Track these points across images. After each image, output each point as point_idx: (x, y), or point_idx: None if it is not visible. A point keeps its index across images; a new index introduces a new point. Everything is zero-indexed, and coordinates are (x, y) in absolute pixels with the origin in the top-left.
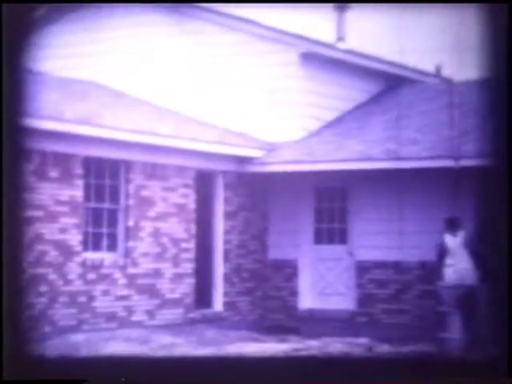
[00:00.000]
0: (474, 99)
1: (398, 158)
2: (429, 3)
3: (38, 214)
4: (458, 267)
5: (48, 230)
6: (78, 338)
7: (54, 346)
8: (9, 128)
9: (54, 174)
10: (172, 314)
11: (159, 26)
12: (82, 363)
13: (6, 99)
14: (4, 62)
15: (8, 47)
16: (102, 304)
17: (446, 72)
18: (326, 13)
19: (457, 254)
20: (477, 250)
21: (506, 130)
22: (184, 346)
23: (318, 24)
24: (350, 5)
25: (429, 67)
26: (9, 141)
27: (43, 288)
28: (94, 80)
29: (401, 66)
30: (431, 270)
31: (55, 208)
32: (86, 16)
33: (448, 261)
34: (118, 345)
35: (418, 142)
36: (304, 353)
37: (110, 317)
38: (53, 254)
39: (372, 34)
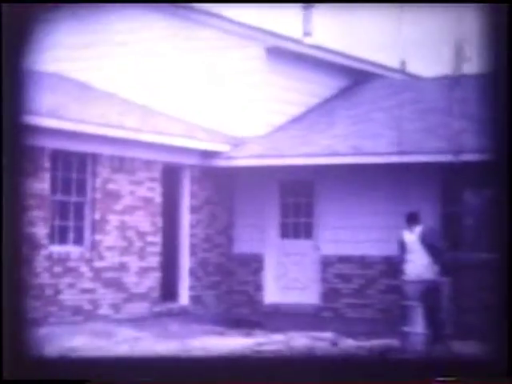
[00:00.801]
0: (439, 96)
1: (364, 153)
2: (428, 3)
3: None
4: (416, 263)
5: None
6: (43, 331)
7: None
8: None
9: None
10: (138, 308)
11: (126, 20)
12: (82, 363)
13: None
14: (4, 62)
15: (7, 47)
16: (68, 297)
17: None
18: (293, 8)
19: (414, 250)
20: (433, 244)
21: (503, 126)
22: (148, 340)
23: (285, 19)
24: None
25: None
26: None
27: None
28: (61, 72)
29: (366, 62)
30: (395, 265)
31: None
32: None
33: (407, 256)
34: (83, 339)
35: (383, 137)
36: (268, 347)
37: (76, 310)
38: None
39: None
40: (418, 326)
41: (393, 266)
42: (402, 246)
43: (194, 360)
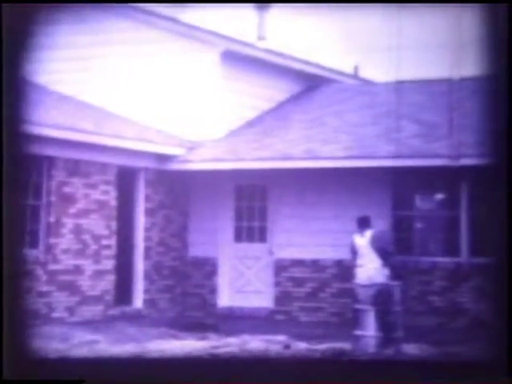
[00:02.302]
0: (391, 100)
1: (317, 158)
2: (428, 3)
3: None
4: (368, 267)
5: None
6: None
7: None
8: None
9: None
10: (92, 311)
11: (81, 22)
12: (81, 363)
13: None
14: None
15: (7, 47)
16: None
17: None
18: (248, 12)
19: (365, 254)
20: (383, 248)
21: (503, 127)
22: (104, 343)
23: (240, 23)
24: (270, 4)
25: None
26: None
27: None
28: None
29: (320, 66)
30: (347, 268)
31: None
32: None
33: (358, 261)
34: (40, 342)
35: (336, 142)
36: (222, 350)
37: (33, 314)
38: None
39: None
40: (369, 329)
41: (345, 269)
42: (353, 250)
43: (194, 360)
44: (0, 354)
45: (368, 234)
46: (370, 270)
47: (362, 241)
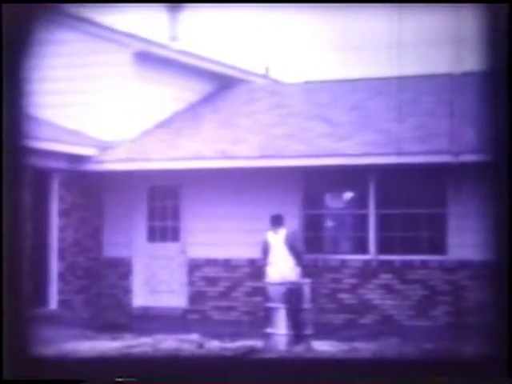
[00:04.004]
0: (302, 101)
1: (228, 157)
2: (428, 3)
3: None
4: (280, 265)
5: None
6: None
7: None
8: None
9: None
10: None
11: None
12: (81, 363)
13: None
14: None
15: (7, 48)
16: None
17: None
18: (160, 12)
19: (278, 252)
20: (295, 246)
21: (502, 127)
22: None
23: (152, 23)
24: (183, 5)
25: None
26: None
27: None
28: None
29: (231, 67)
30: (260, 267)
31: None
32: None
33: (270, 258)
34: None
35: (247, 142)
36: (136, 350)
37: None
38: None
39: (206, 35)
40: (280, 327)
41: (257, 268)
42: (265, 248)
43: (193, 360)
44: (0, 353)
45: (282, 232)
46: (283, 268)
47: (276, 239)
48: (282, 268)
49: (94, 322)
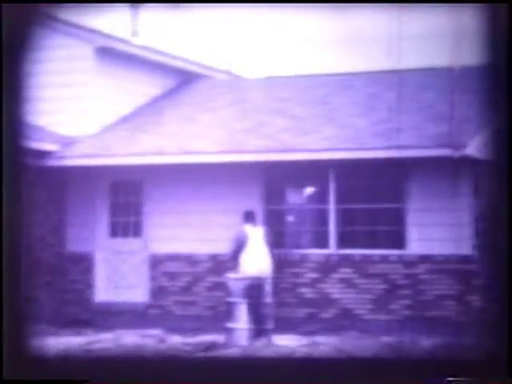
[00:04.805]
0: (263, 96)
1: (190, 153)
2: (428, 3)
3: None
4: (257, 260)
5: None
6: None
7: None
8: None
9: None
10: None
11: None
12: (82, 363)
13: None
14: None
15: (8, 47)
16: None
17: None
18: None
19: (256, 247)
20: (268, 242)
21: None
22: None
23: (113, 18)
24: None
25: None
26: None
27: None
28: None
29: (193, 62)
30: (221, 263)
31: None
32: None
33: (246, 252)
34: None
35: (209, 137)
36: (98, 345)
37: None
38: None
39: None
40: (241, 322)
41: (219, 263)
42: (242, 241)
43: (194, 359)
44: (0, 353)
45: (259, 228)
46: (261, 263)
47: (254, 234)
48: (259, 263)
49: (57, 317)
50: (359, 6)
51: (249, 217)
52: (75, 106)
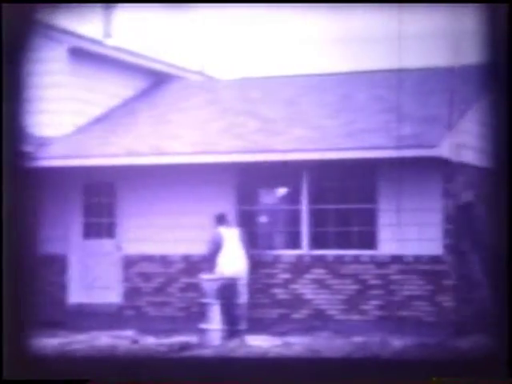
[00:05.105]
0: (235, 97)
1: (163, 153)
2: (428, 3)
3: None
4: (234, 260)
5: None
6: None
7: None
8: None
9: None
10: None
11: None
12: (82, 363)
13: None
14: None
15: (7, 46)
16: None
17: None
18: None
19: (232, 248)
20: (244, 242)
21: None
22: None
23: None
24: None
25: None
26: None
27: None
28: None
29: (166, 63)
30: (195, 263)
31: None
32: None
33: (223, 254)
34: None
35: (182, 138)
36: (72, 347)
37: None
38: None
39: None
40: (215, 323)
41: (192, 264)
42: (219, 243)
43: (193, 360)
44: (0, 353)
45: (234, 229)
46: (237, 262)
47: (230, 235)
48: (235, 263)
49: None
50: (355, 5)
51: (221, 219)
52: (48, 107)
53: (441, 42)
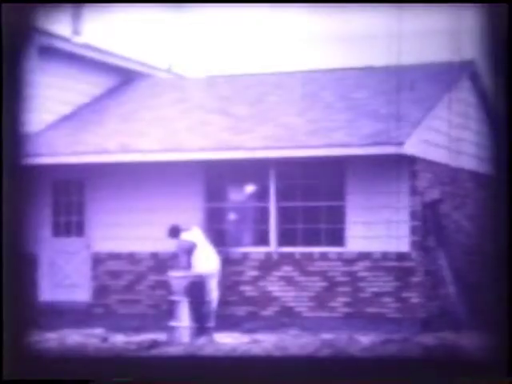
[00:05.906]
0: (203, 95)
1: (131, 151)
2: (428, 3)
3: None
4: (210, 258)
5: None
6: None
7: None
8: None
9: None
10: None
11: None
12: (82, 363)
13: None
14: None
15: (7, 46)
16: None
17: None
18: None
19: (204, 248)
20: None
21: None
22: None
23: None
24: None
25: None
26: None
27: None
28: None
29: (134, 61)
30: (163, 261)
31: None
32: None
33: (198, 255)
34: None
35: (150, 135)
36: (42, 345)
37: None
38: None
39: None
40: (183, 320)
41: (161, 262)
42: (191, 248)
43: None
44: (0, 353)
45: (196, 230)
46: (211, 259)
47: (197, 237)
48: (210, 260)
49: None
50: (352, 5)
51: (175, 231)
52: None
53: (440, 40)
